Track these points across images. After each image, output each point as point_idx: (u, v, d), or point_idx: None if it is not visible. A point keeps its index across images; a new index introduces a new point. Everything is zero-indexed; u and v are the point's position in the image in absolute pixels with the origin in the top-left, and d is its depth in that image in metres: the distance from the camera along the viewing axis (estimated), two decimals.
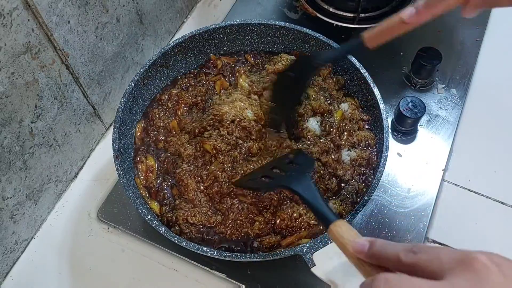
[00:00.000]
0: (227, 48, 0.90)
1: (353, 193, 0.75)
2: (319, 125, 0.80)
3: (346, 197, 0.74)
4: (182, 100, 0.84)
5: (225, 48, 0.90)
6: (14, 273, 0.78)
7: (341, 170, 0.75)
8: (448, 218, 0.81)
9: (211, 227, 0.73)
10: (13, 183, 0.71)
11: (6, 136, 0.66)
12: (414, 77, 0.95)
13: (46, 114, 0.73)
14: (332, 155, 0.76)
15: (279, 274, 0.76)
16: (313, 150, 0.75)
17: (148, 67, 0.81)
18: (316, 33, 0.85)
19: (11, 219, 0.73)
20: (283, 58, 0.86)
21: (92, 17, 0.75)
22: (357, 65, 0.81)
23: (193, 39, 0.85)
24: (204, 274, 0.77)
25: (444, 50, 0.93)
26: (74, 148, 0.84)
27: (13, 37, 0.61)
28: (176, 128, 0.81)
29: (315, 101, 0.80)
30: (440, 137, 0.90)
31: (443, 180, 0.85)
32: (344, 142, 0.78)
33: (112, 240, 0.81)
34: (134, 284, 0.77)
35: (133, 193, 0.69)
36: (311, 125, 0.79)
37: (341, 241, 0.45)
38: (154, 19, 0.94)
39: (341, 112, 0.81)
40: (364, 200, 0.69)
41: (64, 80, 0.74)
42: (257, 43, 0.90)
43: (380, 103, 0.77)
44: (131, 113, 0.80)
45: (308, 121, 0.79)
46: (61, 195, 0.85)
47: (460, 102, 0.94)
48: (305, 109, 0.79)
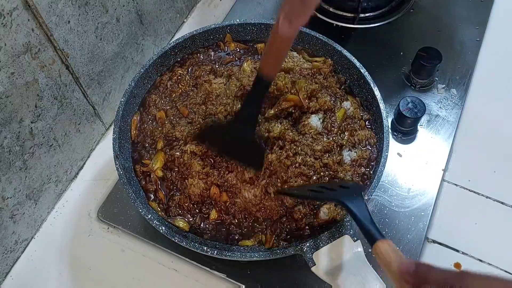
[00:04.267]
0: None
1: None
2: (321, 122, 0.79)
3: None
4: (184, 82, 0.84)
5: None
6: (14, 273, 0.78)
7: (342, 172, 0.74)
8: (448, 218, 0.81)
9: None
10: (13, 183, 0.71)
11: (6, 136, 0.66)
12: (414, 77, 0.95)
13: (46, 114, 0.73)
14: (334, 157, 0.75)
15: (279, 274, 0.76)
16: (315, 148, 0.75)
17: (148, 67, 0.81)
18: (316, 33, 0.85)
19: (11, 219, 0.73)
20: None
21: (92, 17, 0.75)
22: (357, 64, 0.81)
23: (193, 39, 0.86)
24: (204, 274, 0.77)
25: (444, 50, 0.93)
26: (74, 148, 0.84)
27: (13, 37, 0.61)
28: (163, 118, 0.80)
29: (322, 98, 0.80)
30: (440, 137, 0.89)
31: (443, 180, 0.85)
32: (345, 142, 0.77)
33: (112, 240, 0.81)
34: (134, 284, 0.77)
35: (133, 193, 0.69)
36: (313, 121, 0.78)
37: (387, 258, 0.47)
38: (154, 19, 0.95)
39: (343, 111, 0.80)
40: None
41: (64, 80, 0.74)
42: (257, 43, 0.90)
43: (380, 103, 0.77)
44: (131, 113, 0.80)
45: (310, 117, 0.78)
46: (61, 195, 0.85)
47: (460, 102, 0.94)
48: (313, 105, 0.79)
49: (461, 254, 0.77)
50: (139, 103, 0.82)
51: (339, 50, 0.83)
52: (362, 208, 0.57)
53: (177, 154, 0.75)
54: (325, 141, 0.76)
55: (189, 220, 0.73)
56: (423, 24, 1.06)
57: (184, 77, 0.84)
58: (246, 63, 0.85)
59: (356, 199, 0.59)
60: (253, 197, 0.71)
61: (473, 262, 0.75)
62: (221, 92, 0.81)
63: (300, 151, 0.73)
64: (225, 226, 0.72)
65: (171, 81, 0.84)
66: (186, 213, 0.73)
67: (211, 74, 0.85)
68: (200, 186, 0.72)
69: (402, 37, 1.04)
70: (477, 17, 1.06)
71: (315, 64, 0.85)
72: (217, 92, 0.81)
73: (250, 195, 0.71)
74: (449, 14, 1.08)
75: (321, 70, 0.84)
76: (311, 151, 0.74)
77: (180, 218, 0.72)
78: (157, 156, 0.76)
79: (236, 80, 0.82)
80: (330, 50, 0.85)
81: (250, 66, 0.84)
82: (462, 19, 1.06)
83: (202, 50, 0.88)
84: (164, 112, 0.81)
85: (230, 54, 0.89)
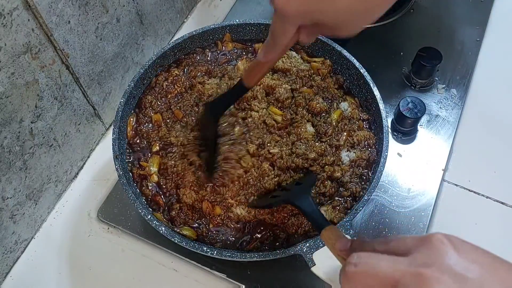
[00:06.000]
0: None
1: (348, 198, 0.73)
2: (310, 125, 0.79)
3: (340, 203, 0.73)
4: (179, 83, 0.83)
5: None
6: (14, 273, 0.78)
7: (338, 171, 0.74)
8: (448, 218, 0.81)
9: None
10: (13, 183, 0.71)
11: (6, 136, 0.66)
12: (414, 77, 0.95)
13: (46, 114, 0.73)
14: (329, 157, 0.75)
15: (279, 274, 0.76)
16: (309, 156, 0.75)
17: (148, 67, 0.81)
18: None
19: (11, 219, 0.73)
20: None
21: (92, 17, 0.75)
22: (356, 64, 0.81)
23: (193, 39, 0.86)
24: (204, 274, 0.77)
25: (444, 50, 0.93)
26: (74, 148, 0.84)
27: (13, 37, 0.61)
28: (160, 121, 0.80)
29: (312, 101, 0.80)
30: (440, 137, 0.89)
31: (443, 180, 0.85)
32: (343, 142, 0.77)
33: (112, 240, 0.81)
34: (134, 284, 0.77)
35: (133, 193, 0.69)
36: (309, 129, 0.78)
37: (329, 242, 0.51)
38: (154, 19, 0.95)
39: (339, 112, 0.80)
40: (364, 200, 0.68)
41: (64, 80, 0.74)
42: (256, 43, 0.90)
43: (380, 103, 0.77)
44: (131, 113, 0.80)
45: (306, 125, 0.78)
46: (61, 195, 0.85)
47: (460, 102, 0.94)
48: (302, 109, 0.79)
49: None
50: (135, 103, 0.82)
51: (339, 51, 0.83)
52: (308, 202, 0.62)
53: (170, 163, 0.75)
54: (318, 146, 0.76)
55: (194, 228, 0.72)
56: (423, 24, 1.06)
57: (180, 78, 0.84)
58: (241, 62, 0.85)
59: (303, 196, 0.63)
60: (246, 213, 0.71)
61: None
62: (214, 92, 0.81)
63: (291, 163, 0.74)
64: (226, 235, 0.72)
65: (167, 81, 0.83)
66: (191, 221, 0.73)
67: (206, 75, 0.85)
68: (192, 196, 0.72)
69: (402, 37, 1.04)
70: (477, 17, 1.06)
71: (313, 65, 0.85)
72: (209, 93, 0.81)
73: (243, 212, 0.72)
74: (449, 14, 1.08)
75: (320, 70, 0.84)
76: (303, 160, 0.74)
77: (186, 227, 0.72)
78: (153, 160, 0.76)
79: (228, 79, 0.82)
80: (329, 50, 0.85)
81: (245, 64, 0.84)
82: (462, 19, 1.06)
83: (199, 51, 0.88)
84: (160, 115, 0.80)
85: (227, 54, 0.88)
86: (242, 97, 0.77)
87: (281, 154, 0.74)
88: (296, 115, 0.79)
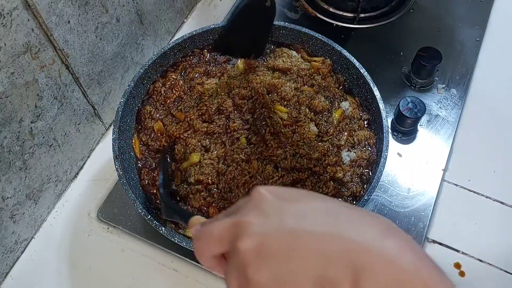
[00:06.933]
0: None
1: (349, 198, 0.73)
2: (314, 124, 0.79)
3: None
4: (178, 87, 0.83)
5: None
6: (14, 273, 0.78)
7: (340, 172, 0.74)
8: (448, 218, 0.81)
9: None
10: (13, 183, 0.71)
11: (6, 136, 0.66)
12: (414, 77, 0.95)
13: (46, 114, 0.73)
14: (332, 157, 0.75)
15: None
16: (313, 156, 0.74)
17: (148, 67, 0.81)
18: (316, 33, 0.85)
19: (11, 219, 0.73)
20: (284, 52, 0.86)
21: (92, 17, 0.75)
22: (356, 64, 0.81)
23: (193, 39, 0.86)
24: (204, 274, 0.77)
25: (444, 50, 0.93)
26: (74, 148, 0.84)
27: (13, 37, 0.61)
28: (162, 129, 0.79)
29: (314, 99, 0.80)
30: (440, 137, 0.89)
31: (443, 180, 0.85)
32: (344, 142, 0.77)
33: (112, 240, 0.81)
34: (134, 284, 0.77)
35: (133, 193, 0.69)
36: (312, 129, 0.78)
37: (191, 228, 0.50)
38: (154, 19, 0.95)
39: (340, 111, 0.80)
40: (364, 200, 0.69)
41: (64, 80, 0.74)
42: None
43: (380, 103, 0.77)
44: (130, 113, 0.80)
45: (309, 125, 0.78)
46: (61, 195, 0.85)
47: (460, 102, 0.94)
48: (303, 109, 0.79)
49: (461, 254, 0.77)
50: (134, 120, 0.81)
51: (339, 50, 0.83)
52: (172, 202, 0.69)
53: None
54: (320, 146, 0.76)
55: None
56: (423, 24, 1.06)
57: (177, 82, 0.83)
58: (240, 61, 0.85)
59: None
60: None
61: (473, 262, 0.75)
62: (213, 91, 0.81)
63: (296, 163, 0.74)
64: None
65: (164, 87, 0.83)
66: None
67: (204, 75, 0.84)
68: (200, 201, 0.73)
69: (402, 37, 1.04)
70: (477, 17, 1.06)
71: (314, 64, 0.85)
72: (210, 93, 0.81)
73: None
74: (449, 14, 1.08)
75: (320, 70, 0.84)
76: (307, 160, 0.74)
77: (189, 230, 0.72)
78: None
79: (227, 78, 0.81)
80: (329, 50, 0.85)
81: (244, 63, 0.84)
82: (462, 19, 1.06)
83: (196, 52, 0.87)
84: (161, 121, 0.80)
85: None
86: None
87: (285, 155, 0.74)
88: (299, 113, 0.79)
